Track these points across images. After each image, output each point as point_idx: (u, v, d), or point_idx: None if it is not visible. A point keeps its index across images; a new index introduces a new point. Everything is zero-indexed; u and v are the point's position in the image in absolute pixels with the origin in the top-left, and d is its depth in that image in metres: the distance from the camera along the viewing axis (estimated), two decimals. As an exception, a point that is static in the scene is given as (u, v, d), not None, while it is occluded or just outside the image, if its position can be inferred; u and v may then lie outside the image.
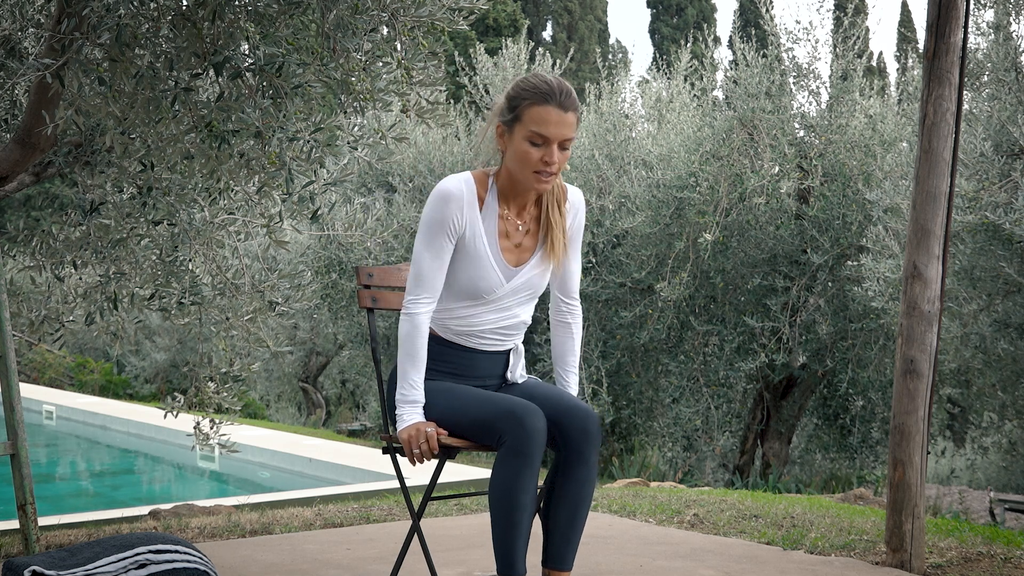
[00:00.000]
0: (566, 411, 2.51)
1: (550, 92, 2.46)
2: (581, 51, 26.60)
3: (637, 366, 9.09)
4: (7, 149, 3.45)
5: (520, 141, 2.49)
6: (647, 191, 8.32)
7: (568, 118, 2.47)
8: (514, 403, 2.43)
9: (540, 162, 2.48)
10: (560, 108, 2.46)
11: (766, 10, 8.33)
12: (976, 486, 11.85)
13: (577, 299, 2.80)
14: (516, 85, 2.52)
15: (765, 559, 3.54)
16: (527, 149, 2.48)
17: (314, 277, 9.32)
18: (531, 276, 2.63)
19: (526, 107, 2.48)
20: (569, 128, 2.48)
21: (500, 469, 2.40)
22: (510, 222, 2.61)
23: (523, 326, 2.70)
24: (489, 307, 2.61)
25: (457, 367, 2.66)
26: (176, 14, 2.77)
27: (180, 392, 4.34)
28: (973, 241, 6.23)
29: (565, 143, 2.49)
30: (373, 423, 13.70)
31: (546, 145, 2.47)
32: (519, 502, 2.38)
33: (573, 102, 2.48)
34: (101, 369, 16.87)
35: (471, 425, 2.50)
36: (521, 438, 2.37)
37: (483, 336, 2.64)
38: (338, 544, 3.80)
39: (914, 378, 3.34)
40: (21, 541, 3.26)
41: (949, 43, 3.33)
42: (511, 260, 2.61)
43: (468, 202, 2.54)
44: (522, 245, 2.62)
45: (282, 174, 2.99)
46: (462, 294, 2.59)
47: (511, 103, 2.51)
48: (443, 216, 2.52)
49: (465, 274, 2.57)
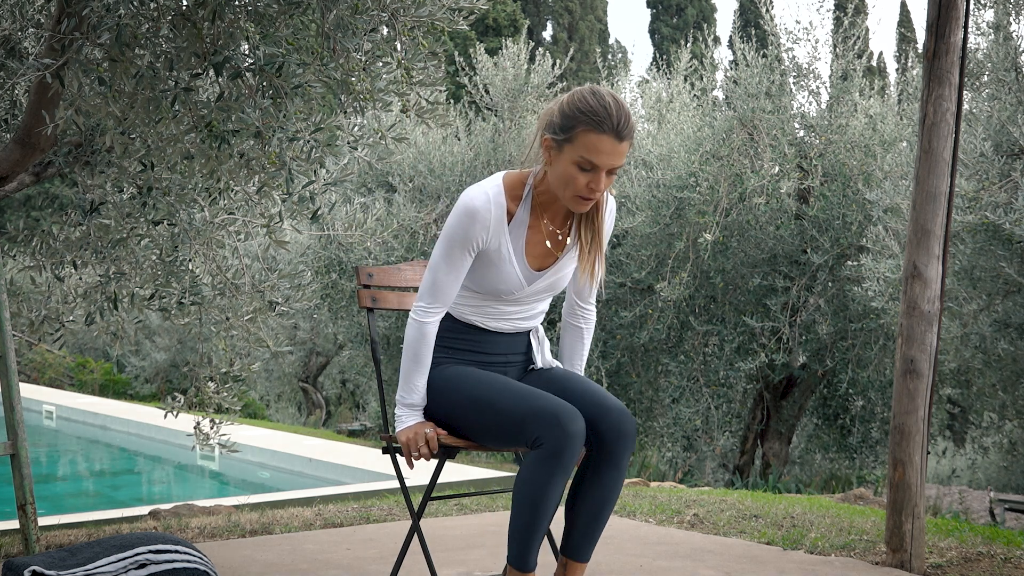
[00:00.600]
0: (603, 411, 2.44)
1: (608, 120, 2.33)
2: (581, 51, 26.60)
3: (637, 366, 9.09)
4: (7, 149, 3.45)
5: (568, 164, 2.38)
6: (647, 191, 8.32)
7: (623, 148, 2.36)
8: (554, 403, 2.35)
9: (586, 188, 2.39)
10: (616, 138, 2.34)
11: (766, 10, 8.33)
12: (976, 486, 11.85)
13: (593, 304, 2.76)
14: (574, 103, 2.38)
15: (765, 559, 3.54)
16: (574, 174, 2.38)
17: (314, 277, 9.32)
18: (554, 280, 2.59)
19: (581, 132, 2.34)
20: (621, 157, 2.36)
21: (534, 469, 2.33)
22: (548, 231, 2.53)
23: (542, 314, 2.67)
24: (507, 303, 2.58)
25: (475, 345, 2.60)
26: (176, 14, 2.77)
27: (180, 392, 4.34)
28: (973, 241, 6.22)
29: (614, 170, 2.40)
30: (373, 423, 13.70)
31: (594, 172, 2.37)
32: (546, 504, 2.33)
33: (631, 131, 2.36)
34: (101, 369, 16.87)
35: (496, 418, 2.41)
36: (561, 441, 2.30)
37: (500, 322, 2.60)
38: (338, 544, 3.80)
39: (914, 378, 3.34)
40: (21, 541, 3.26)
41: (949, 43, 3.33)
42: (534, 264, 2.55)
43: (496, 218, 2.45)
44: (548, 250, 2.56)
45: (282, 174, 2.99)
46: (481, 291, 2.56)
47: (565, 122, 2.38)
48: (466, 234, 2.44)
49: (485, 277, 2.53)
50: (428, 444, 2.48)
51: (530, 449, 2.36)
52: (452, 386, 2.53)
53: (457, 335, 2.60)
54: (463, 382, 2.52)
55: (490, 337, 2.61)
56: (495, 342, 2.62)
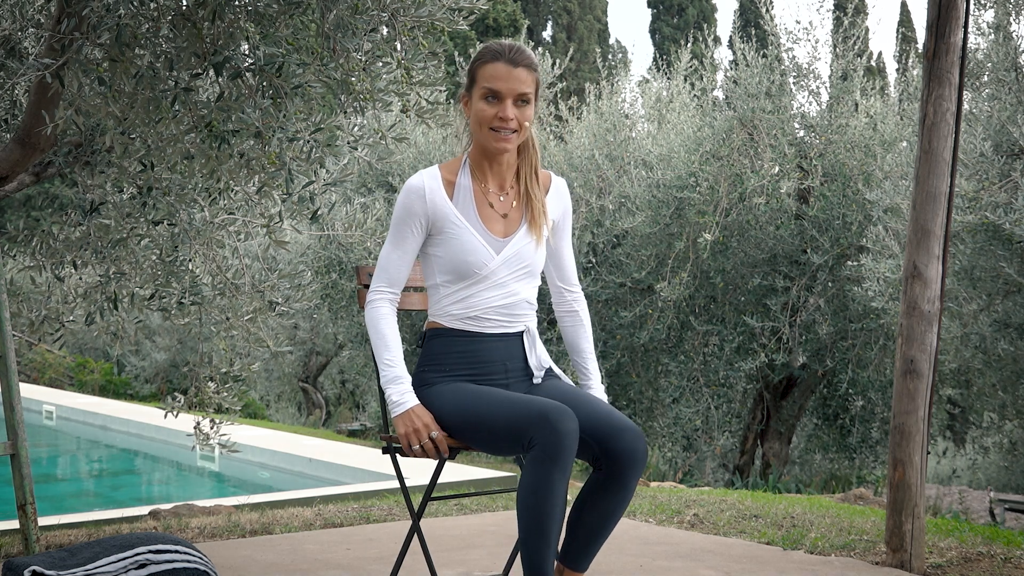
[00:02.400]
0: (618, 431, 2.41)
1: (500, 50, 2.53)
2: (581, 51, 26.59)
3: (637, 366, 9.08)
4: (7, 149, 3.45)
5: (477, 101, 2.54)
6: (647, 191, 8.32)
7: (518, 73, 2.51)
8: (544, 404, 2.34)
9: (495, 118, 2.52)
10: (510, 63, 2.51)
11: (766, 10, 8.33)
12: (976, 486, 11.85)
13: (578, 286, 2.79)
14: (475, 55, 2.60)
15: (765, 559, 3.54)
16: (482, 107, 2.53)
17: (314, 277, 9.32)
18: (522, 247, 2.59)
19: (478, 67, 2.55)
20: (520, 83, 2.51)
21: (531, 473, 2.31)
22: (491, 194, 2.62)
23: (527, 306, 2.63)
24: (485, 284, 2.57)
25: (470, 357, 2.58)
26: (176, 14, 2.77)
27: (180, 392, 4.34)
28: (973, 241, 6.22)
29: (521, 98, 2.53)
30: (373, 423, 13.70)
31: (499, 100, 2.52)
32: (550, 507, 2.30)
33: (525, 58, 2.52)
34: (101, 369, 16.87)
35: (489, 427, 2.41)
36: (552, 441, 2.29)
37: (486, 317, 2.58)
38: (338, 544, 3.80)
39: (914, 378, 3.34)
40: (21, 541, 3.26)
41: (949, 43, 3.33)
42: (498, 231, 2.59)
43: (431, 189, 2.57)
44: (509, 216, 2.62)
45: (282, 174, 2.99)
46: (455, 275, 2.56)
47: (469, 70, 2.59)
48: (403, 208, 2.56)
49: (452, 254, 2.55)
50: (438, 447, 2.47)
51: (525, 453, 2.35)
52: (446, 403, 2.52)
53: (449, 349, 2.59)
54: (454, 398, 2.51)
55: (481, 343, 2.59)
56: (486, 347, 2.59)
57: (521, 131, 2.55)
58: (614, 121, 9.07)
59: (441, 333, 2.60)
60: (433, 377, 2.59)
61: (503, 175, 2.64)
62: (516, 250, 2.59)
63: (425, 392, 2.57)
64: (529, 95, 2.53)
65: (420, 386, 2.59)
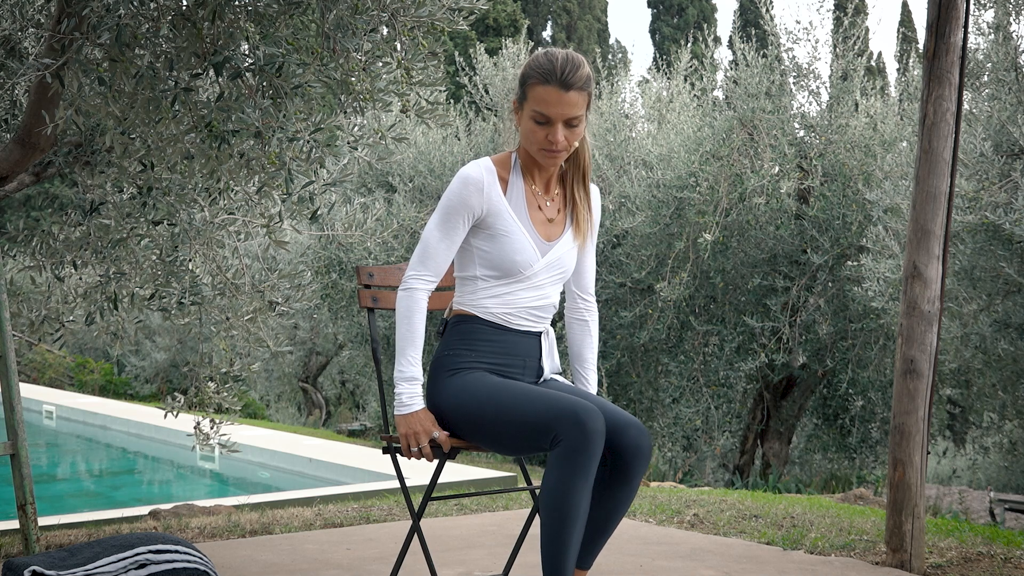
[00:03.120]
0: (623, 427, 2.43)
1: (552, 71, 2.44)
2: (581, 51, 26.60)
3: (637, 366, 9.09)
4: (7, 149, 3.45)
5: (527, 119, 2.50)
6: (647, 191, 8.32)
7: (569, 98, 2.44)
8: (573, 401, 2.33)
9: (545, 140, 2.48)
10: (561, 87, 2.43)
11: (766, 10, 8.33)
12: (976, 486, 11.85)
13: (593, 296, 2.79)
14: (527, 64, 2.52)
15: (765, 559, 3.54)
16: (533, 128, 2.49)
17: (314, 277, 9.33)
18: (563, 253, 2.61)
19: (531, 86, 2.47)
20: (571, 107, 2.45)
21: (556, 471, 2.30)
22: (539, 196, 2.61)
23: (552, 309, 2.67)
24: (525, 284, 2.58)
25: (497, 346, 2.58)
26: (176, 14, 2.77)
27: (180, 392, 4.34)
28: (973, 241, 6.23)
29: (571, 121, 2.47)
30: (373, 423, 13.70)
31: (549, 124, 2.47)
32: (574, 507, 2.30)
33: (577, 80, 2.44)
34: (101, 369, 16.87)
35: (517, 420, 2.39)
36: (581, 440, 2.27)
37: (517, 315, 2.59)
38: (338, 544, 3.80)
39: (914, 378, 3.34)
40: (21, 541, 3.26)
41: (949, 43, 3.33)
42: (544, 234, 2.60)
43: (488, 183, 2.53)
44: (554, 221, 2.62)
45: (282, 174, 2.99)
46: (500, 271, 2.56)
47: (521, 81, 2.53)
48: (462, 200, 2.51)
49: (500, 250, 2.54)
50: (439, 447, 2.47)
51: (549, 450, 2.33)
52: (470, 391, 2.50)
53: (480, 335, 2.58)
54: (481, 387, 2.49)
55: (511, 337, 2.60)
56: (515, 342, 2.61)
57: (570, 148, 2.53)
58: (614, 121, 9.07)
59: (471, 320, 2.59)
60: (460, 362, 2.57)
61: (551, 177, 2.63)
62: (559, 255, 2.61)
63: (448, 379, 2.56)
64: (580, 117, 2.49)
65: (446, 369, 2.57)
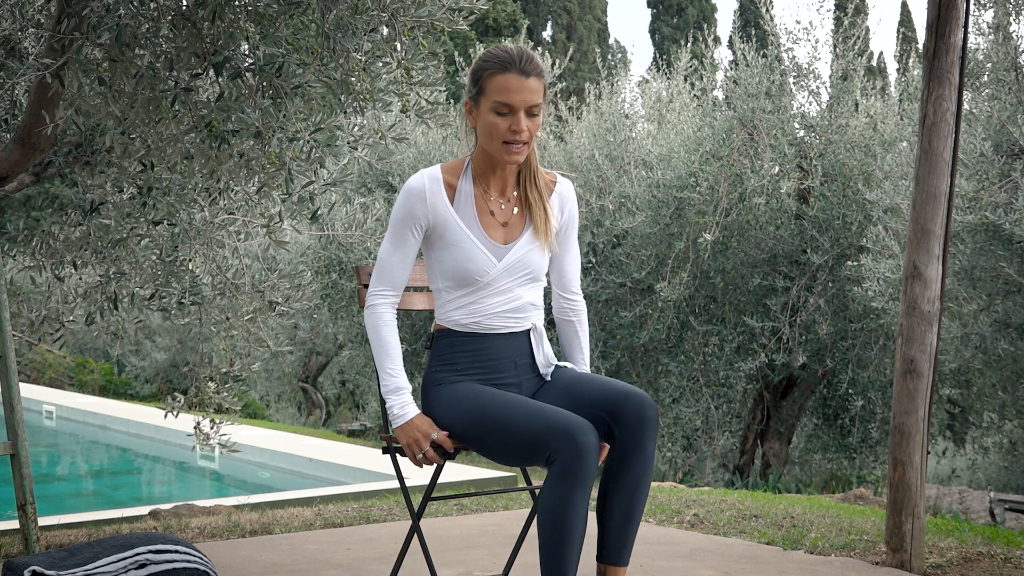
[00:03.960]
0: (621, 397, 2.42)
1: (510, 60, 2.44)
2: (580, 51, 26.60)
3: (637, 366, 9.09)
4: (7, 149, 3.45)
5: (486, 113, 2.47)
6: (647, 191, 8.32)
7: (531, 84, 2.45)
8: (565, 417, 2.31)
9: (508, 131, 2.46)
10: (521, 74, 2.44)
11: (766, 10, 8.33)
12: (976, 486, 11.85)
13: (578, 293, 2.74)
14: (478, 59, 2.51)
15: (765, 559, 3.54)
16: (494, 120, 2.46)
17: (314, 277, 9.32)
18: (523, 255, 2.56)
19: (488, 77, 2.46)
20: (533, 94, 2.45)
21: (552, 489, 2.29)
22: (492, 201, 2.57)
23: (533, 308, 2.61)
24: (488, 291, 2.55)
25: (477, 355, 2.56)
26: (176, 14, 2.77)
27: (180, 392, 4.34)
28: (973, 241, 6.23)
29: (532, 110, 2.47)
30: (373, 423, 13.70)
31: (512, 113, 2.45)
32: (571, 523, 2.28)
33: (535, 67, 2.46)
34: (101, 369, 16.88)
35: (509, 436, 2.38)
36: (574, 457, 2.26)
37: (490, 321, 2.56)
38: (338, 544, 3.80)
39: (914, 378, 3.34)
40: (21, 541, 3.26)
41: (949, 43, 3.33)
42: (499, 238, 2.56)
43: (432, 192, 2.52)
44: (510, 223, 2.58)
45: (282, 174, 2.99)
46: (457, 281, 2.54)
47: (474, 76, 2.50)
48: (404, 210, 2.52)
49: (452, 261, 2.53)
50: (443, 449, 2.46)
51: (545, 467, 2.32)
52: (463, 404, 2.48)
53: (456, 349, 2.57)
54: (474, 400, 2.47)
55: (488, 342, 2.57)
56: (494, 346, 2.57)
57: (531, 141, 2.52)
58: (614, 121, 9.07)
59: (449, 334, 2.59)
60: (445, 376, 2.56)
61: (506, 180, 2.60)
62: (518, 257, 2.56)
63: (437, 391, 2.55)
64: (540, 105, 2.48)
65: (434, 385, 2.57)
